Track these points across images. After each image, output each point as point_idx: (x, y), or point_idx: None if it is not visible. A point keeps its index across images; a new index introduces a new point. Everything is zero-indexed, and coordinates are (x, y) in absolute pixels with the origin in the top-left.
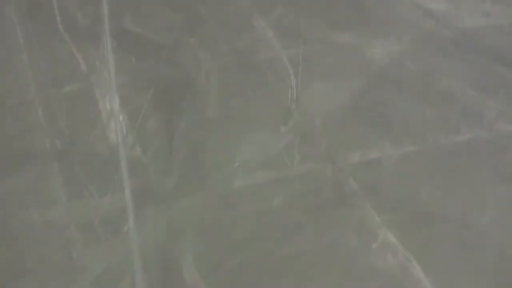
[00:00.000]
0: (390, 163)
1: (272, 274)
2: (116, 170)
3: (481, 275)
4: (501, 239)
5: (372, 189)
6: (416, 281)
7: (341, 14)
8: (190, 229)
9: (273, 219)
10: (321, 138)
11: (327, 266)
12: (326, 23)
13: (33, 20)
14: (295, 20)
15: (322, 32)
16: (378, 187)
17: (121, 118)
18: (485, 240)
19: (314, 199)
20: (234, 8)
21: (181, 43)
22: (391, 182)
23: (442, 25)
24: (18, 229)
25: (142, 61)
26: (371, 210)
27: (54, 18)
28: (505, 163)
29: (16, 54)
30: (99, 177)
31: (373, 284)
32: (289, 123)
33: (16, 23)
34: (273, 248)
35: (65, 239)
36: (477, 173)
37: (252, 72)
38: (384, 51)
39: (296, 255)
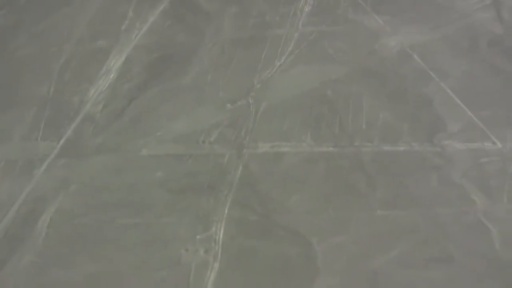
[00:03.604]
0: (292, 161)
1: (100, 240)
2: (70, 121)
3: None
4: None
5: (250, 183)
6: None
7: None
8: (75, 185)
9: (140, 192)
10: (250, 124)
11: (145, 244)
12: (374, 4)
13: None
14: None
15: (359, 14)
16: (256, 183)
17: (110, 76)
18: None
19: (190, 181)
20: None
21: (222, 11)
22: (275, 181)
23: (491, 24)
24: None
25: (175, 26)
26: (228, 204)
27: None
28: (410, 187)
29: (86, 7)
30: (54, 124)
31: (163, 273)
32: (238, 102)
33: None
34: (117, 218)
35: None
36: (368, 195)
37: (255, 47)
38: (402, 41)
39: (128, 228)
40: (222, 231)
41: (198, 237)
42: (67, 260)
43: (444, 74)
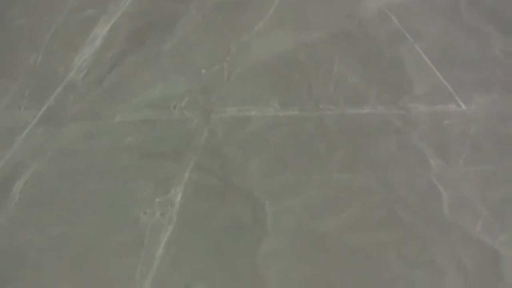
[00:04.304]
0: (257, 125)
1: (69, 203)
2: (53, 89)
3: None
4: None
5: (214, 147)
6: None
7: None
8: (51, 151)
9: (111, 158)
10: (221, 88)
11: (110, 208)
12: None
13: None
14: None
15: None
16: (220, 147)
17: (95, 44)
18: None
19: (158, 146)
20: None
21: None
22: (238, 145)
23: None
24: None
25: None
26: (189, 168)
27: None
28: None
29: None
30: (38, 93)
31: (122, 236)
32: (213, 67)
33: None
34: (87, 182)
35: None
36: (327, 158)
37: (237, 12)
38: (382, 2)
39: (95, 192)
40: (180, 194)
41: (157, 200)
42: (37, 223)
43: (419, 35)
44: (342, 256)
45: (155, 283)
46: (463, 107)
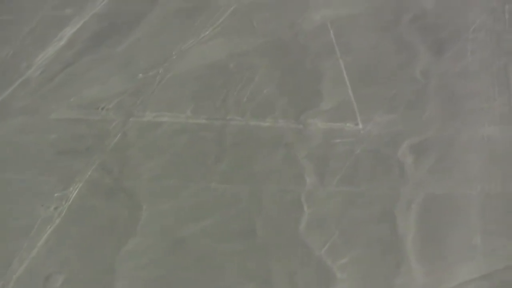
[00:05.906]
0: (166, 131)
1: None
2: (11, 84)
3: None
4: None
5: (121, 149)
6: None
7: None
8: None
9: (33, 152)
10: (148, 93)
11: (17, 197)
12: None
13: None
14: None
15: None
16: (126, 149)
17: (60, 43)
18: None
19: (75, 144)
20: None
21: None
22: (142, 149)
23: None
24: None
25: None
26: (93, 167)
27: None
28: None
29: None
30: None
31: (18, 224)
32: (149, 72)
33: None
34: (6, 173)
35: None
36: (213, 167)
37: (195, 17)
38: (328, 15)
39: (9, 183)
40: (76, 191)
41: (56, 194)
42: None
43: (349, 50)
44: (191, 262)
45: (27, 271)
46: (360, 126)
